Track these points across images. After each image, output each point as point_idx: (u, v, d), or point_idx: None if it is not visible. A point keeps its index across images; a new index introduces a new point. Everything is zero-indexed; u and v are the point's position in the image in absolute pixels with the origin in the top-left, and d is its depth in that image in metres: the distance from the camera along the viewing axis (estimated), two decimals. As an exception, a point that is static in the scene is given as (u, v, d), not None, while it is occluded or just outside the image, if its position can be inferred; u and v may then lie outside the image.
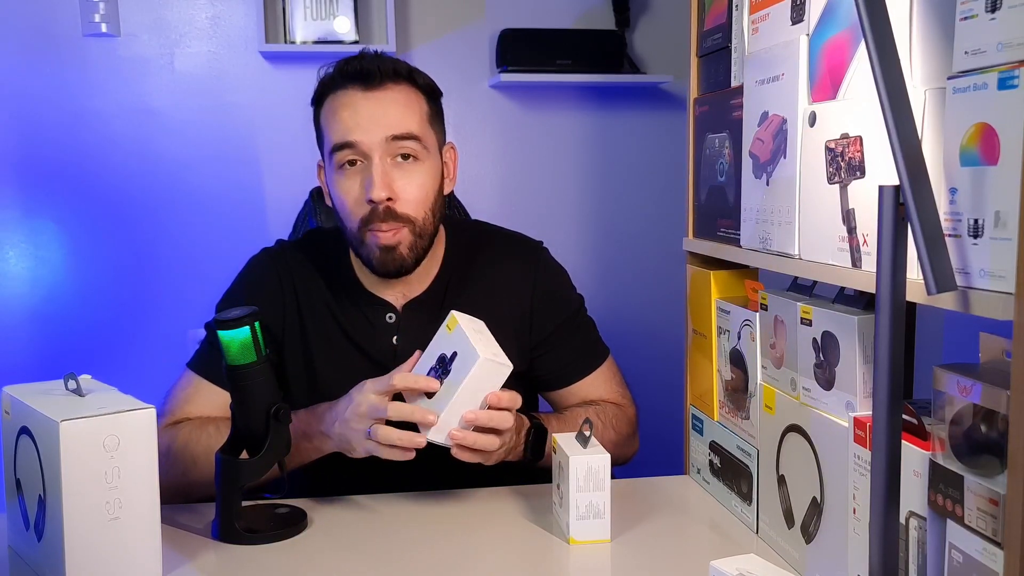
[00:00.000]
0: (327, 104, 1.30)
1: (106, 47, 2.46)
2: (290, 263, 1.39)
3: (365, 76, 1.27)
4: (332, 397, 1.24)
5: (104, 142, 2.47)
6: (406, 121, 1.27)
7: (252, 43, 2.48)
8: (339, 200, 1.30)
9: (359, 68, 1.28)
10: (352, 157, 1.26)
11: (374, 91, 1.27)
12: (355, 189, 1.27)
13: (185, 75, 2.50)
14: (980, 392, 0.73)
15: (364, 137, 1.25)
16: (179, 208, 2.51)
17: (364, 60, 1.29)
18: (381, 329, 1.35)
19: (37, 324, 2.48)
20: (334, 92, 1.29)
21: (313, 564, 1.08)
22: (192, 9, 2.49)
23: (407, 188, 1.27)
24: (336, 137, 1.27)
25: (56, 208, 2.48)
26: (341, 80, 1.29)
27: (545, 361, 1.41)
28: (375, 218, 1.26)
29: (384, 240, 1.27)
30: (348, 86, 1.28)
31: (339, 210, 1.31)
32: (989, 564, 0.72)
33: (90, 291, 2.50)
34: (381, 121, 1.26)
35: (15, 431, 1.06)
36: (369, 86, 1.27)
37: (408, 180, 1.27)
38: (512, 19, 2.58)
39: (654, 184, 2.70)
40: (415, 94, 1.31)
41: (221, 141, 2.52)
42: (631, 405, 1.45)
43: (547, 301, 1.41)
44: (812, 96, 0.99)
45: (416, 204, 1.28)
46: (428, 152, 1.30)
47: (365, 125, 1.25)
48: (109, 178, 2.48)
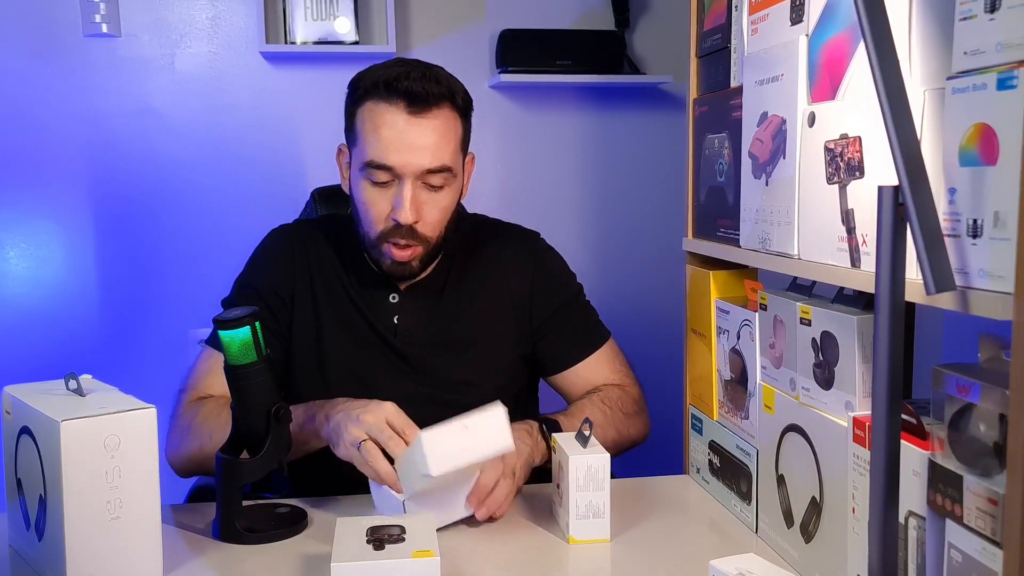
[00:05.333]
0: (368, 109, 1.29)
1: (106, 47, 2.46)
2: (304, 236, 1.45)
3: (413, 97, 1.26)
4: (340, 362, 1.31)
5: (104, 142, 2.48)
6: (442, 153, 1.28)
7: (252, 43, 2.48)
8: (362, 205, 1.32)
9: (408, 88, 1.26)
10: (385, 176, 1.28)
11: (418, 116, 1.26)
12: (382, 203, 1.29)
13: (185, 75, 2.50)
14: (979, 392, 0.73)
15: (401, 163, 1.26)
16: (179, 208, 2.51)
17: (412, 80, 1.27)
18: (384, 308, 1.39)
19: (37, 324, 2.48)
20: (377, 102, 1.28)
21: (313, 564, 1.08)
22: (192, 9, 2.49)
23: (432, 212, 1.31)
24: (374, 154, 1.27)
25: (56, 208, 2.48)
26: (387, 93, 1.27)
27: (546, 344, 1.44)
28: (396, 235, 1.30)
29: (399, 256, 1.31)
30: (394, 101, 1.26)
31: (360, 213, 1.33)
32: (988, 564, 0.72)
33: (90, 291, 2.50)
34: (420, 151, 1.26)
35: (16, 431, 1.06)
36: (414, 109, 1.26)
37: (435, 206, 1.31)
38: (512, 19, 2.58)
39: (654, 184, 2.70)
40: (454, 119, 1.31)
41: (221, 141, 2.52)
42: (635, 385, 1.47)
43: (546, 284, 1.44)
44: (811, 96, 0.99)
45: (436, 225, 1.32)
46: (455, 177, 1.33)
47: (404, 152, 1.26)
48: (109, 178, 2.48)
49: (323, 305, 1.40)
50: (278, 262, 1.42)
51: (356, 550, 0.98)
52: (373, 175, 1.28)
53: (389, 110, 1.27)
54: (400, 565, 0.95)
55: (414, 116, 1.26)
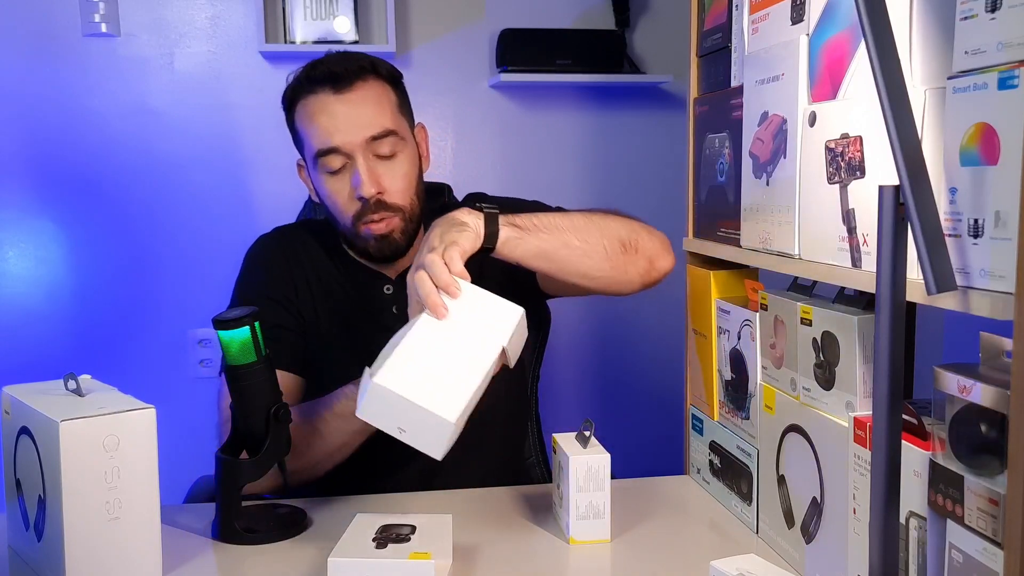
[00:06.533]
0: (300, 109, 1.35)
1: (106, 47, 2.45)
2: (293, 241, 1.46)
3: (334, 79, 1.31)
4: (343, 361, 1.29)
5: (104, 142, 2.47)
6: (380, 119, 1.32)
7: (252, 43, 2.48)
8: (330, 200, 1.35)
9: (327, 71, 1.32)
10: (337, 161, 1.31)
11: (345, 93, 1.31)
12: (345, 188, 1.33)
13: (185, 75, 2.50)
14: (980, 392, 0.73)
15: (345, 140, 1.30)
16: (179, 208, 2.51)
17: (330, 63, 1.33)
18: (380, 301, 1.41)
19: (37, 324, 2.48)
20: (305, 97, 1.34)
21: (313, 564, 1.08)
22: (192, 9, 2.49)
23: (393, 181, 1.33)
24: (318, 143, 1.32)
25: (56, 208, 2.48)
26: (310, 85, 1.33)
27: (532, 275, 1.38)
28: (367, 212, 1.32)
29: (378, 230, 1.33)
30: (318, 90, 1.32)
31: (331, 208, 1.37)
32: (989, 564, 0.72)
33: (90, 291, 2.50)
34: (358, 122, 1.31)
35: (15, 431, 1.06)
36: (339, 88, 1.31)
37: (392, 173, 1.33)
38: (512, 19, 2.57)
39: (654, 184, 2.70)
40: (382, 87, 1.35)
41: (221, 141, 2.51)
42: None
43: None
44: (812, 96, 0.99)
45: (402, 193, 1.34)
46: (405, 142, 1.36)
47: (343, 128, 1.30)
48: (109, 178, 2.48)
49: (321, 306, 1.40)
50: (274, 269, 1.42)
51: (358, 546, 0.98)
52: (326, 164, 1.32)
53: (317, 98, 1.32)
54: (395, 565, 0.95)
55: (341, 94, 1.31)
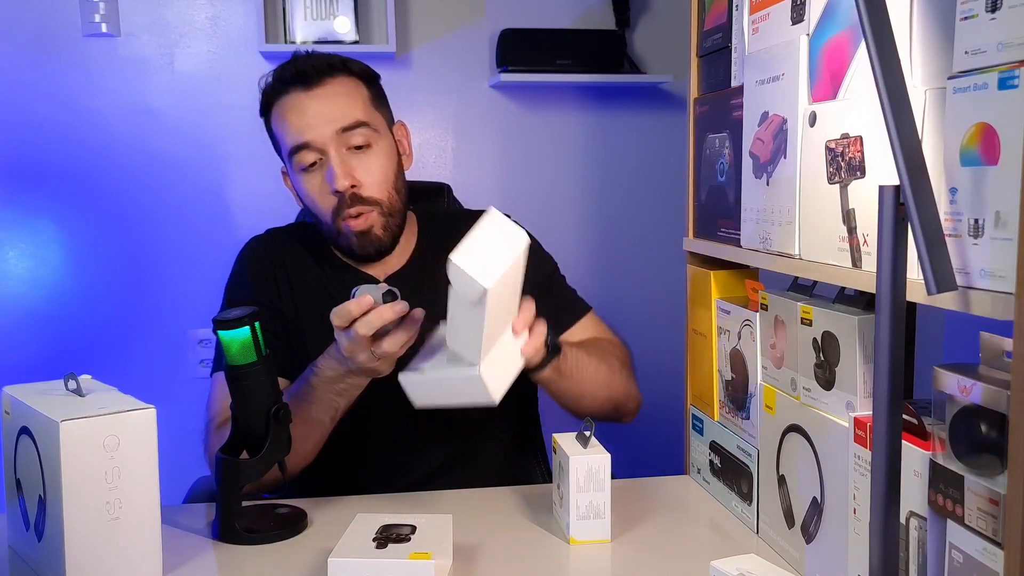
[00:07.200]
0: (274, 112, 1.37)
1: (106, 47, 2.45)
2: (281, 245, 1.46)
3: (303, 77, 1.33)
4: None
5: (104, 142, 2.47)
6: (351, 111, 1.33)
7: (252, 43, 2.48)
8: (308, 199, 1.36)
9: (295, 71, 1.34)
10: (310, 156, 1.32)
11: (314, 89, 1.33)
12: (320, 184, 1.33)
13: (185, 75, 2.50)
14: (980, 392, 0.73)
15: (316, 135, 1.31)
16: (179, 208, 2.51)
17: (298, 62, 1.35)
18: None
19: (37, 324, 2.48)
20: (278, 99, 1.35)
21: (313, 564, 1.08)
22: (192, 9, 2.49)
23: (368, 173, 1.34)
24: (290, 141, 1.33)
25: (56, 208, 2.48)
26: (281, 86, 1.35)
27: None
28: (343, 206, 1.33)
29: (356, 226, 1.33)
30: (289, 90, 1.34)
31: (311, 208, 1.37)
32: (989, 564, 0.72)
33: (90, 291, 2.50)
34: (328, 116, 1.32)
35: (15, 431, 1.06)
36: (309, 85, 1.33)
37: (367, 165, 1.34)
38: (512, 19, 2.57)
39: (654, 184, 2.70)
40: (353, 82, 1.36)
41: (221, 141, 2.52)
42: (623, 347, 1.47)
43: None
44: (812, 96, 0.99)
45: (379, 186, 1.34)
46: (379, 135, 1.36)
47: (314, 123, 1.31)
48: (109, 178, 2.48)
49: (304, 309, 1.39)
50: (259, 271, 1.42)
51: (359, 546, 0.98)
52: (301, 161, 1.33)
53: (288, 97, 1.33)
54: (395, 565, 0.95)
55: (311, 90, 1.32)
